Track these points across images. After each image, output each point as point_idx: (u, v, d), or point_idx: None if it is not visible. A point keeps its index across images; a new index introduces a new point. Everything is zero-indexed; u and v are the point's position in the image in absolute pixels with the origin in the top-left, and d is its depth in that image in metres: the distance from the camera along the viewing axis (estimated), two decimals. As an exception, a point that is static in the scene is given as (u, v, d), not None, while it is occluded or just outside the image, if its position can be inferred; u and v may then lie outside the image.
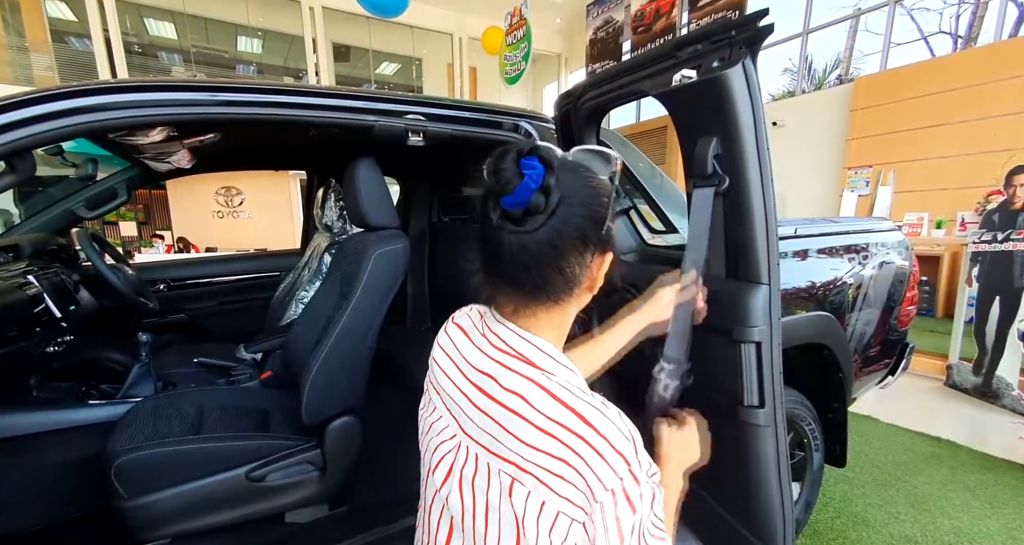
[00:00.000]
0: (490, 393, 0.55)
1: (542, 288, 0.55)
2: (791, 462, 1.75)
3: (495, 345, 0.59)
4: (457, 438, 0.58)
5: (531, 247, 0.52)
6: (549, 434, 0.50)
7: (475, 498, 0.54)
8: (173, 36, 9.06)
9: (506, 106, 1.55)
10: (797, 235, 1.80)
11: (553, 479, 0.49)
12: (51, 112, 0.87)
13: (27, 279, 1.38)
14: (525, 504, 0.50)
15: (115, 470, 1.12)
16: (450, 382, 0.62)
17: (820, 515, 2.02)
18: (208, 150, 1.79)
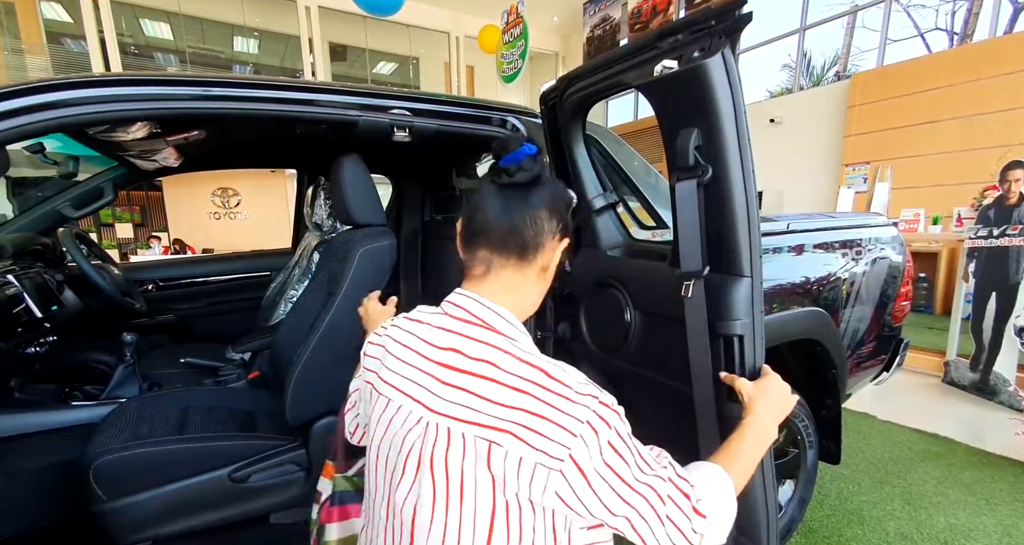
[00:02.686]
0: (457, 366, 0.59)
1: (512, 237, 0.63)
2: (785, 460, 1.76)
3: (457, 317, 0.63)
4: (424, 419, 0.59)
5: (513, 195, 0.65)
6: (522, 391, 0.54)
7: (448, 473, 0.55)
8: (169, 37, 9.04)
9: (494, 101, 1.53)
10: (790, 230, 1.78)
11: (529, 434, 0.53)
12: (24, 106, 0.86)
13: (6, 279, 1.36)
14: (504, 465, 0.53)
15: (94, 471, 1.10)
16: (412, 369, 0.63)
17: (815, 513, 2.01)
18: (195, 148, 1.78)
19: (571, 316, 1.36)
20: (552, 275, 0.70)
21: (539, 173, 0.66)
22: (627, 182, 1.69)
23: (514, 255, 0.64)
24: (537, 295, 0.69)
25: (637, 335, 1.10)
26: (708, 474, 0.66)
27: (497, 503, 0.54)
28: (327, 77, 9.20)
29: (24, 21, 7.65)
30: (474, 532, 0.55)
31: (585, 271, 1.32)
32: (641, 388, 1.16)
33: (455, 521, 0.55)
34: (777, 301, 1.59)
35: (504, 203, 0.64)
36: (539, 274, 0.67)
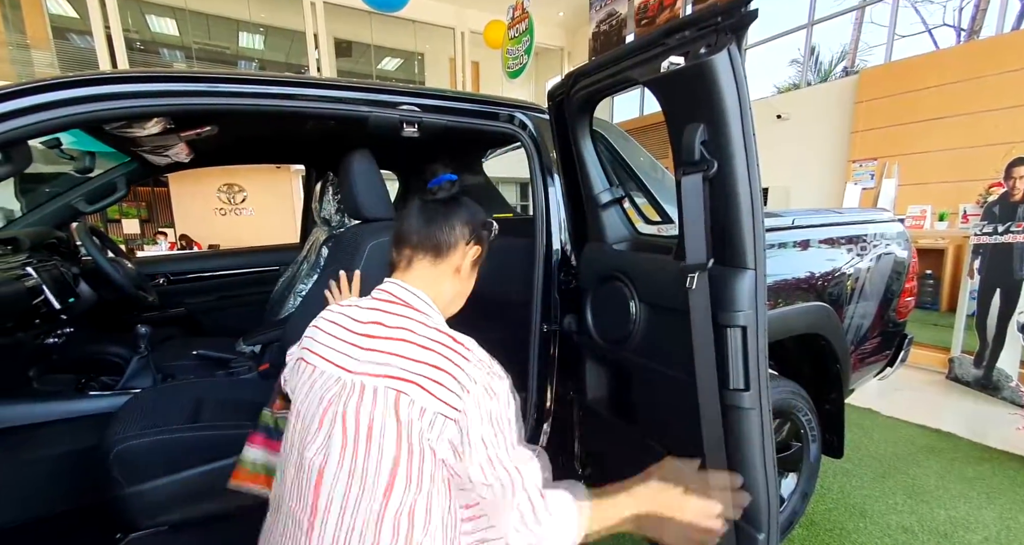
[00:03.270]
0: (376, 334, 0.70)
1: (428, 239, 0.79)
2: (787, 453, 1.78)
3: (381, 299, 0.75)
4: (342, 379, 0.68)
5: (430, 207, 0.81)
6: (430, 350, 0.66)
7: (359, 423, 0.63)
8: (175, 32, 9.07)
9: (502, 97, 1.54)
10: (795, 226, 1.80)
11: (433, 385, 0.63)
12: (45, 102, 0.88)
13: (26, 271, 1.39)
14: (409, 411, 0.62)
15: (113, 457, 1.14)
16: (337, 340, 0.73)
17: (817, 506, 2.03)
18: (206, 143, 1.80)
19: (576, 310, 1.38)
20: (468, 278, 0.84)
21: (455, 194, 0.83)
22: (633, 177, 1.70)
23: (430, 253, 0.79)
24: (452, 293, 0.82)
25: (642, 327, 1.12)
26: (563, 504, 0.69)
27: (401, 449, 0.62)
28: (332, 73, 9.21)
29: (29, 16, 7.69)
30: (377, 477, 0.62)
31: (591, 265, 1.33)
32: (645, 378, 1.18)
33: (360, 469, 0.62)
34: (782, 296, 1.61)
35: (426, 214, 0.81)
36: (453, 273, 0.81)
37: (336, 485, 0.62)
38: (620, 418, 1.26)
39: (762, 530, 0.87)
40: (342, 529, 0.62)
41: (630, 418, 1.23)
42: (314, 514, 0.63)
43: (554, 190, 1.45)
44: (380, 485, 0.62)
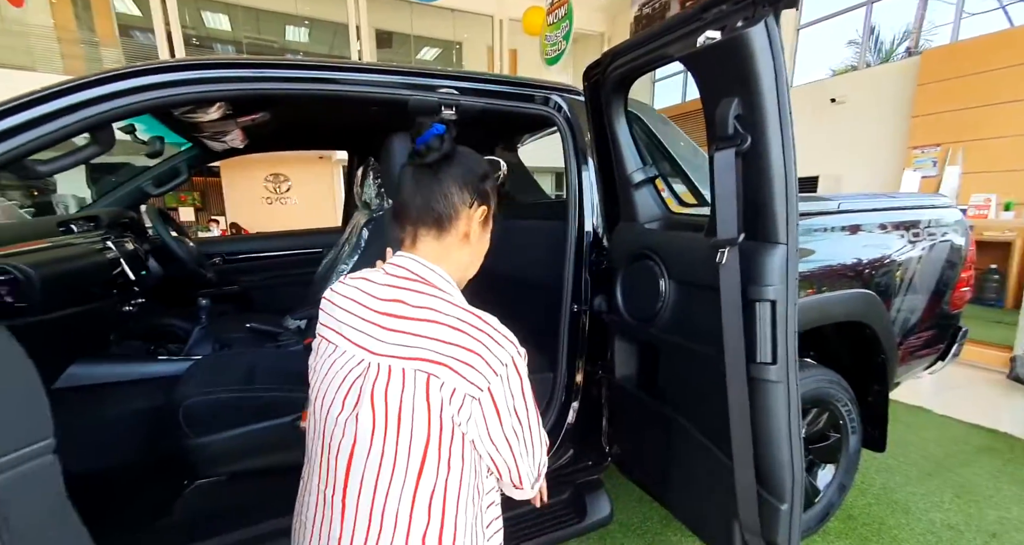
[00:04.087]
0: (400, 314, 0.66)
1: (428, 213, 0.72)
2: (825, 443, 1.74)
3: (398, 276, 0.71)
4: (366, 361, 0.65)
5: (426, 175, 0.72)
6: (460, 331, 0.63)
7: (388, 406, 0.62)
8: (227, 28, 9.50)
9: (538, 79, 1.56)
10: (841, 210, 1.74)
11: (463, 367, 0.62)
12: (126, 88, 0.98)
13: (106, 245, 1.54)
14: (440, 393, 0.61)
15: (183, 412, 1.27)
16: (356, 318, 0.69)
17: (857, 500, 1.98)
18: (259, 129, 1.92)
19: (607, 290, 1.40)
20: (480, 239, 0.78)
21: (447, 151, 0.72)
22: (670, 161, 1.69)
23: (433, 227, 0.72)
24: (469, 258, 0.78)
25: (670, 304, 1.13)
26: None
27: (432, 429, 0.62)
28: (373, 64, 9.39)
29: (99, 15, 8.24)
30: (409, 460, 0.62)
31: (622, 244, 1.35)
32: (673, 355, 1.20)
33: (391, 452, 0.62)
34: (823, 281, 1.57)
35: (418, 183, 0.72)
36: (462, 241, 0.75)
37: (367, 468, 0.62)
38: (648, 395, 1.28)
39: (785, 501, 0.88)
40: (375, 510, 0.62)
41: (657, 395, 1.25)
42: (345, 495, 0.64)
43: (587, 172, 1.46)
44: (412, 467, 0.61)
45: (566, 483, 1.54)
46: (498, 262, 2.15)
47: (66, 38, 7.80)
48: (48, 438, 0.43)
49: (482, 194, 0.76)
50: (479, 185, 0.75)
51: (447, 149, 0.72)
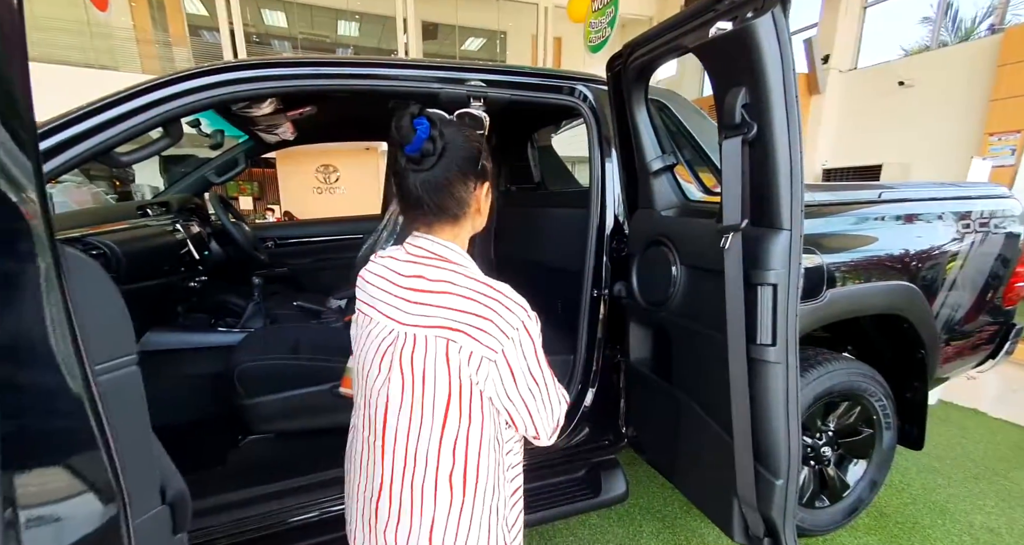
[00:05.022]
0: (420, 288, 0.74)
1: (443, 210, 0.75)
2: (856, 438, 1.71)
3: (417, 255, 0.77)
4: (395, 331, 0.74)
5: (430, 181, 0.73)
6: (473, 300, 0.70)
7: (414, 368, 0.71)
8: (284, 24, 9.98)
9: (564, 70, 1.61)
10: (882, 200, 1.68)
11: (478, 332, 0.69)
12: (193, 87, 1.11)
13: (175, 227, 1.74)
14: (459, 356, 0.70)
15: (238, 374, 1.44)
16: (385, 294, 0.77)
17: (892, 500, 1.93)
18: (307, 123, 2.07)
19: (625, 276, 1.44)
20: (486, 203, 0.82)
21: (442, 147, 0.71)
22: (696, 148, 1.69)
23: (448, 220, 0.77)
24: (480, 223, 0.83)
25: (681, 288, 1.16)
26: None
27: (452, 389, 0.70)
28: (419, 55, 9.60)
29: (171, 16, 8.87)
30: (433, 413, 0.72)
31: (639, 231, 1.38)
32: (682, 337, 1.23)
33: (418, 407, 0.72)
34: (862, 273, 1.54)
35: (424, 186, 0.73)
36: (474, 215, 0.80)
37: (400, 420, 0.73)
38: (659, 377, 1.32)
39: (780, 477, 0.91)
40: (408, 454, 0.73)
41: (667, 376, 1.29)
42: (383, 442, 0.74)
43: (610, 161, 1.50)
44: (437, 419, 0.71)
45: (583, 461, 1.61)
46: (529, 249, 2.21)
47: (143, 39, 8.46)
48: (132, 353, 0.56)
49: (482, 171, 0.78)
50: (477, 166, 0.76)
51: (440, 146, 0.71)
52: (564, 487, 1.55)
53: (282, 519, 1.25)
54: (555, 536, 1.71)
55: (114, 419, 0.44)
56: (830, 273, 1.42)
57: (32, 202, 0.38)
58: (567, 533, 1.73)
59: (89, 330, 0.42)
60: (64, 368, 0.40)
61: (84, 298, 0.45)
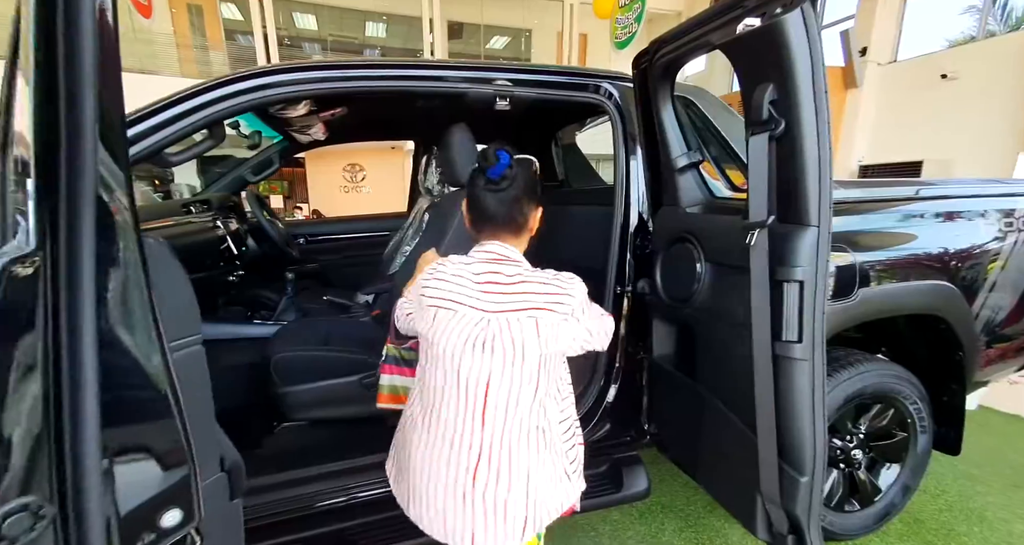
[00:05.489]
0: (498, 282, 0.91)
1: (511, 223, 0.95)
2: (889, 442, 1.67)
3: (490, 258, 0.94)
4: (485, 317, 0.89)
5: (504, 199, 0.93)
6: (547, 284, 0.90)
7: (513, 344, 0.88)
8: (314, 27, 10.23)
9: (589, 68, 1.61)
10: (919, 197, 1.63)
11: (558, 306, 0.89)
12: (234, 91, 1.17)
13: (216, 224, 1.83)
14: (545, 329, 0.88)
15: (274, 364, 1.51)
16: (467, 290, 0.91)
17: (927, 505, 1.88)
18: (338, 123, 2.14)
19: (649, 273, 1.45)
20: (535, 229, 1.02)
21: (515, 175, 0.91)
22: (724, 145, 1.68)
23: (513, 231, 0.96)
24: (529, 239, 1.02)
25: (706, 285, 1.16)
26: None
27: (541, 356, 0.88)
28: (444, 55, 9.69)
29: (209, 21, 9.21)
30: (528, 378, 0.89)
31: (664, 228, 1.38)
32: (705, 333, 1.23)
33: (516, 376, 0.88)
34: (898, 271, 1.50)
35: (499, 203, 0.93)
36: (529, 231, 1.00)
37: (500, 390, 0.87)
38: (682, 374, 1.32)
39: (805, 474, 0.90)
40: (508, 418, 0.88)
41: (690, 373, 1.29)
42: (484, 411, 0.88)
43: (635, 159, 1.50)
44: (531, 383, 0.89)
45: (604, 456, 1.62)
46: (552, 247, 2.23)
47: (183, 44, 8.82)
48: (199, 333, 0.63)
49: (539, 198, 0.99)
50: (535, 192, 0.98)
51: (514, 174, 0.92)
52: (585, 481, 1.56)
53: (312, 503, 1.31)
54: (576, 531, 1.73)
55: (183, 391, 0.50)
56: (863, 272, 1.39)
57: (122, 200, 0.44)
58: (588, 528, 1.74)
59: (165, 310, 0.48)
60: (149, 344, 0.46)
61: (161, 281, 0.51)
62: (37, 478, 0.39)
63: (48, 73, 0.39)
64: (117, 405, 0.44)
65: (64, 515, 0.39)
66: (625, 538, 1.70)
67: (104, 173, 0.41)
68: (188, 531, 0.50)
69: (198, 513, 0.51)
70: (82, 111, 0.39)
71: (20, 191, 0.43)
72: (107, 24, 0.43)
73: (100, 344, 0.40)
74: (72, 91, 0.39)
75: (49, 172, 0.39)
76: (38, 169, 0.39)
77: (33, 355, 0.39)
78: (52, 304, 0.39)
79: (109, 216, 0.43)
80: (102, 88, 0.41)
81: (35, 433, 0.39)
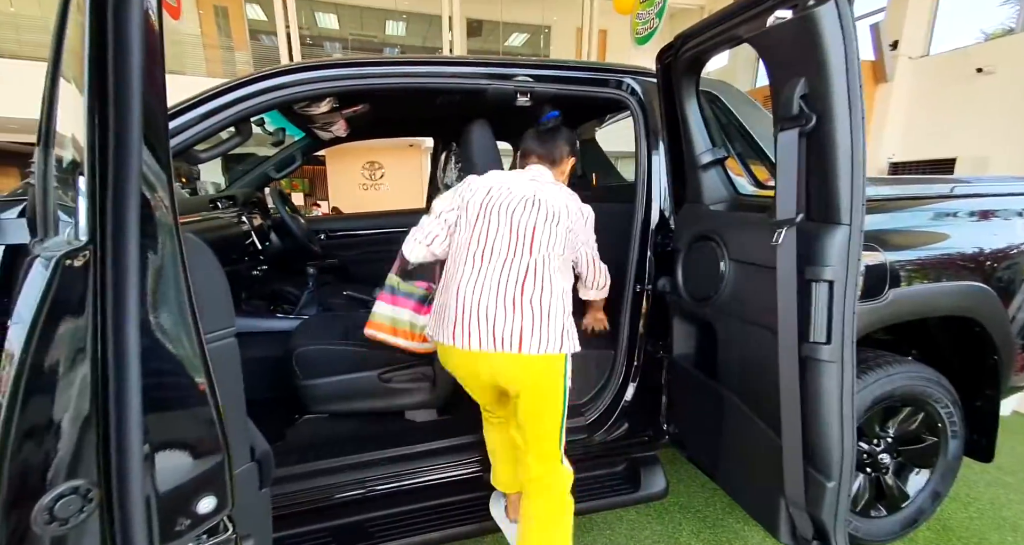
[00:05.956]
0: (535, 189, 1.21)
1: (548, 155, 1.33)
2: (918, 446, 1.62)
3: (533, 174, 1.30)
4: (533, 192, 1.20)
5: (546, 138, 1.34)
6: (570, 197, 1.24)
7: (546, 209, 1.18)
8: (335, 26, 10.35)
9: (610, 63, 1.60)
10: (954, 195, 1.58)
11: (571, 212, 1.21)
12: (263, 88, 1.19)
13: (241, 219, 1.87)
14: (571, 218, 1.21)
15: (295, 357, 1.54)
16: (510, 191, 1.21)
17: (958, 513, 1.82)
18: (359, 120, 2.16)
19: (670, 271, 1.43)
20: (567, 176, 1.39)
21: (556, 126, 1.35)
22: (750, 141, 1.64)
23: (547, 162, 1.32)
24: (562, 178, 1.37)
25: (729, 284, 1.14)
26: None
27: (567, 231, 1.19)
28: (463, 52, 9.71)
29: (234, 22, 9.39)
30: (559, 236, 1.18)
31: (686, 226, 1.37)
32: (728, 333, 1.21)
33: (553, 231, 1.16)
34: (930, 272, 1.46)
35: (542, 138, 1.33)
36: (561, 168, 1.35)
37: (542, 235, 1.15)
38: (703, 374, 1.30)
39: (832, 479, 0.88)
40: (549, 252, 1.15)
41: (711, 373, 1.28)
42: (532, 243, 1.14)
43: (657, 155, 1.48)
44: (561, 243, 1.18)
45: (622, 455, 1.61)
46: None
47: (209, 44, 9.02)
48: (232, 325, 0.65)
49: (574, 152, 1.37)
50: (572, 147, 1.36)
51: (556, 124, 1.35)
52: (603, 480, 1.56)
53: (331, 494, 1.34)
54: (591, 528, 1.72)
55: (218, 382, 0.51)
56: (894, 271, 1.35)
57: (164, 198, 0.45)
58: (604, 526, 1.74)
59: (201, 303, 0.49)
60: (187, 335, 0.48)
61: (199, 275, 0.53)
62: (85, 462, 0.40)
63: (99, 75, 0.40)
64: (157, 393, 0.46)
65: (109, 498, 0.41)
66: (642, 538, 1.69)
67: (148, 173, 0.43)
68: (221, 518, 0.52)
69: (231, 500, 0.52)
70: (130, 111, 0.41)
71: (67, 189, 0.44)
72: (152, 27, 0.45)
73: (142, 333, 0.42)
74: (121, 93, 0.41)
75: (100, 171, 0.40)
76: (90, 168, 0.40)
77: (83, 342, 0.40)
78: (100, 294, 0.41)
79: (152, 213, 0.44)
80: (147, 89, 0.42)
81: (83, 417, 0.40)
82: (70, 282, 0.41)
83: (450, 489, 1.45)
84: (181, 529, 0.48)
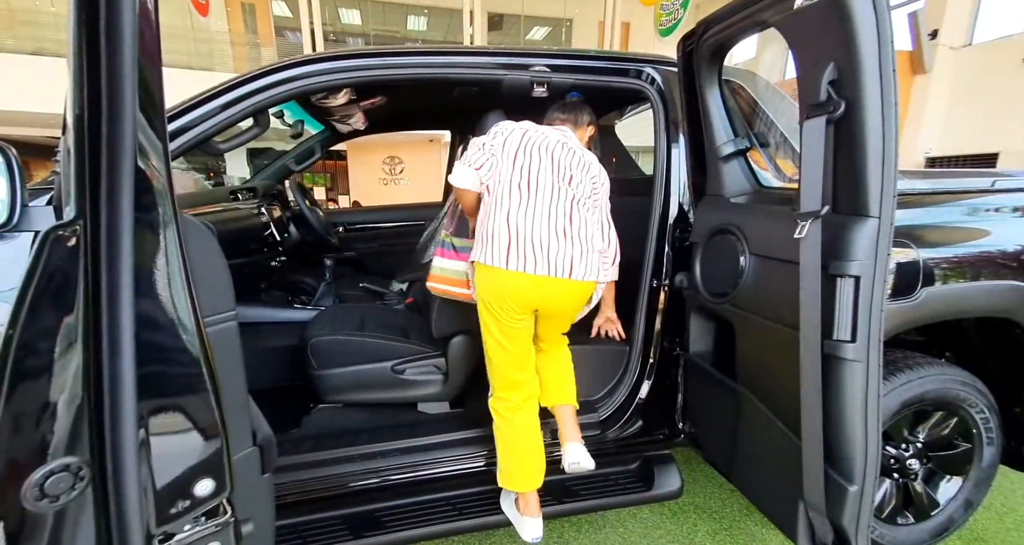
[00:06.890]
0: (567, 138, 1.36)
1: (570, 119, 1.45)
2: (951, 452, 1.55)
3: (560, 131, 1.38)
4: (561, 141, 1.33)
5: (571, 104, 1.49)
6: (591, 161, 1.35)
7: (578, 154, 1.34)
8: (358, 22, 10.45)
9: (630, 53, 1.55)
10: (995, 189, 1.50)
11: (596, 166, 1.36)
12: (279, 79, 1.20)
13: (260, 211, 1.90)
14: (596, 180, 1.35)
15: (311, 347, 1.56)
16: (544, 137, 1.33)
17: (991, 523, 1.74)
18: (377, 112, 2.17)
19: (688, 266, 1.39)
20: (586, 144, 1.47)
21: (580, 100, 1.51)
22: (773, 131, 1.59)
23: (571, 123, 1.44)
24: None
25: (749, 279, 1.10)
26: None
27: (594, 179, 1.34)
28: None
29: (260, 19, 9.56)
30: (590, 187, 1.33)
31: (705, 219, 1.32)
32: (747, 330, 1.17)
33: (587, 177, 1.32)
34: (967, 270, 1.38)
35: (567, 106, 1.47)
36: (581, 139, 1.45)
37: (577, 177, 1.29)
38: (720, 372, 1.26)
39: (855, 483, 0.84)
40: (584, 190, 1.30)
41: (729, 371, 1.24)
42: (571, 180, 1.28)
43: (677, 147, 1.44)
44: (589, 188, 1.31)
45: (635, 453, 1.58)
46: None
47: (237, 41, 9.21)
48: (233, 309, 0.65)
49: (592, 122, 1.50)
50: (590, 116, 1.49)
51: (579, 99, 1.51)
52: (616, 478, 1.54)
53: (344, 483, 1.35)
54: (604, 526, 1.70)
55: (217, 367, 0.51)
56: (927, 269, 1.29)
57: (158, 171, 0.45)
58: (617, 524, 1.71)
59: (200, 286, 0.49)
60: (185, 319, 0.48)
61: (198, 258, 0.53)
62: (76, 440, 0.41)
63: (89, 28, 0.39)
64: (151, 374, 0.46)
65: (103, 476, 0.41)
66: (656, 537, 1.66)
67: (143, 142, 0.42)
68: (220, 501, 0.52)
69: (230, 484, 0.52)
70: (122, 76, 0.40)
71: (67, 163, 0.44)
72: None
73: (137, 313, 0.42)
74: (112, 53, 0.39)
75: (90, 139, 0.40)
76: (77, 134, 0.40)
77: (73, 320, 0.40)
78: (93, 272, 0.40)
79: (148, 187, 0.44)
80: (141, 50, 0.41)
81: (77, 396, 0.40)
82: (58, 258, 0.40)
83: (462, 481, 1.45)
84: (178, 510, 0.48)
